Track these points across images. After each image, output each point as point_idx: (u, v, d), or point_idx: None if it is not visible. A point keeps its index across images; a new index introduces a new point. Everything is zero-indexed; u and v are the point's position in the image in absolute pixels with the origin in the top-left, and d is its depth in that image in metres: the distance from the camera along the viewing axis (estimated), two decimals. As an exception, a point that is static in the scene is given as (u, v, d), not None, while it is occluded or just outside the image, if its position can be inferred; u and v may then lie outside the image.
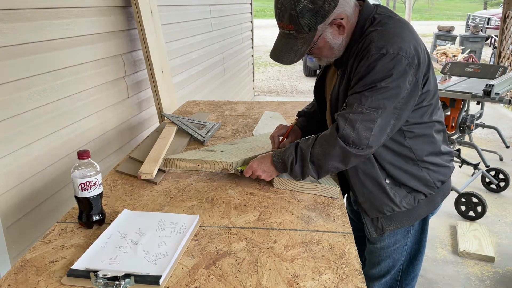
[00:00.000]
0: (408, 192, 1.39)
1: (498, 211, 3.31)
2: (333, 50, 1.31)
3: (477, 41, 9.44)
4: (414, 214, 1.43)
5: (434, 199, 1.44)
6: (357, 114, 1.22)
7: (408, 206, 1.40)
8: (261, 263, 1.02)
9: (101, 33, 2.19)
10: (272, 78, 9.13)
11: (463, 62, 4.39)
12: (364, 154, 1.26)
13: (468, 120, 3.28)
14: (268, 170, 1.41)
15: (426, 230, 1.50)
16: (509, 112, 6.05)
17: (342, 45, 1.31)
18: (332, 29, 1.26)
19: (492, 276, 2.53)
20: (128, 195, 1.41)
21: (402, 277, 1.54)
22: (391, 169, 1.36)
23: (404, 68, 1.19)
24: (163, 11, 2.96)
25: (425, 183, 1.39)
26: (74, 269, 0.99)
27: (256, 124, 2.10)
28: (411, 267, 1.53)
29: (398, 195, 1.38)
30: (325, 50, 1.31)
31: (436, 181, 1.40)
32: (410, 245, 1.50)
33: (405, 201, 1.39)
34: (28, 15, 1.70)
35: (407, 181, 1.38)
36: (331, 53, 1.33)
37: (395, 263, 1.52)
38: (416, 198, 1.40)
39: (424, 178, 1.38)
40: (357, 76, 1.24)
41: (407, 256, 1.52)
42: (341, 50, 1.33)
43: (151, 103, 2.76)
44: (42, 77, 1.78)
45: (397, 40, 1.21)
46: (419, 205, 1.41)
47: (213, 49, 4.35)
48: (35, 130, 1.75)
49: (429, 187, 1.40)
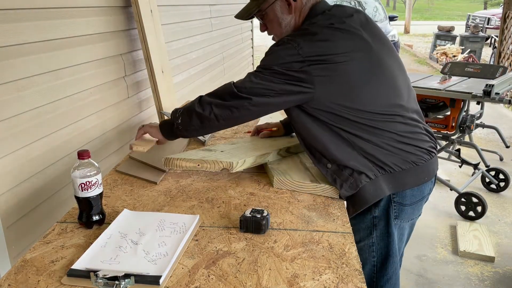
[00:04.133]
0: (349, 174, 1.36)
1: (498, 211, 3.31)
2: (281, 27, 1.46)
3: (477, 41, 9.44)
4: (362, 198, 1.37)
5: (377, 184, 1.37)
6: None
7: (351, 189, 1.36)
8: (261, 263, 1.02)
9: (101, 33, 2.19)
10: (272, 78, 9.11)
11: (463, 62, 4.39)
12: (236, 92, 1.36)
13: (468, 120, 3.28)
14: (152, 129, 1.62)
15: (391, 233, 1.45)
16: (509, 112, 6.05)
17: (290, 26, 1.46)
18: (282, 3, 1.43)
19: (492, 276, 2.53)
20: (128, 195, 1.41)
21: (377, 278, 1.53)
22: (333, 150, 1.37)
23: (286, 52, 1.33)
24: (163, 11, 2.96)
25: (364, 164, 1.36)
26: (74, 269, 0.99)
27: (256, 124, 2.10)
28: (383, 270, 1.50)
29: (340, 178, 1.37)
30: (275, 25, 1.48)
31: (375, 164, 1.36)
32: (378, 247, 1.48)
33: (347, 184, 1.36)
34: (28, 15, 1.70)
35: (347, 162, 1.36)
36: (279, 30, 1.48)
37: (365, 261, 1.50)
38: (357, 181, 1.35)
39: (362, 160, 1.36)
40: None
41: (378, 258, 1.50)
42: (288, 31, 1.46)
43: (151, 103, 2.76)
44: (42, 77, 1.78)
45: (299, 35, 1.36)
46: (364, 188, 1.36)
47: (213, 49, 4.35)
48: (35, 130, 1.75)
49: (369, 169, 1.35)
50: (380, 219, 1.45)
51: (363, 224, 1.46)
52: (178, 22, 3.34)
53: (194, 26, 3.73)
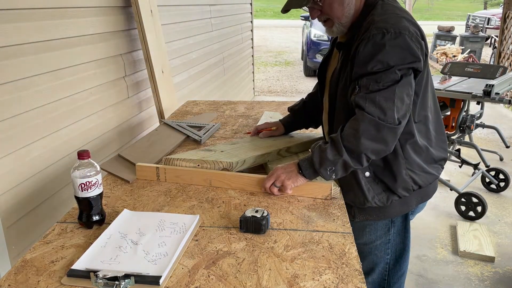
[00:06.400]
0: (384, 190, 1.39)
1: (498, 211, 3.31)
2: (343, 7, 1.31)
3: (477, 41, 9.44)
4: (386, 212, 1.43)
5: (408, 201, 1.43)
6: (375, 92, 1.23)
7: (380, 203, 1.39)
8: (261, 263, 1.02)
9: (101, 33, 2.19)
10: (272, 78, 9.12)
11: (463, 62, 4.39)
12: (395, 126, 1.23)
13: (468, 120, 3.28)
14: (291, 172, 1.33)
15: (408, 229, 1.50)
16: (509, 112, 6.05)
17: (352, 5, 1.32)
18: None
19: (492, 276, 2.53)
20: (128, 195, 1.41)
21: (390, 275, 1.55)
22: (377, 162, 1.36)
23: (408, 43, 1.23)
24: (163, 11, 2.96)
25: (403, 185, 1.38)
26: (74, 269, 0.99)
27: (256, 124, 2.10)
28: (397, 266, 1.53)
29: (373, 190, 1.38)
30: (335, 4, 1.31)
31: (414, 184, 1.40)
32: (394, 244, 1.51)
33: (378, 198, 1.39)
34: (28, 15, 1.70)
35: (385, 179, 1.38)
36: (341, 10, 1.32)
37: (379, 260, 1.53)
38: (389, 198, 1.39)
39: (404, 180, 1.37)
40: (362, 58, 1.25)
41: (392, 255, 1.52)
42: (351, 11, 1.33)
43: (151, 103, 2.76)
44: (42, 77, 1.78)
45: (396, 22, 1.25)
46: (391, 204, 1.41)
47: (213, 49, 4.35)
48: (35, 130, 1.75)
49: (405, 189, 1.39)
50: (398, 216, 1.47)
51: (381, 223, 1.48)
52: (178, 22, 3.34)
53: (194, 26, 3.73)
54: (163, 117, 2.60)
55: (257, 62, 10.32)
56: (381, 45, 1.22)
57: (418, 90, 1.32)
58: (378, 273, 1.55)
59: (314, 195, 1.36)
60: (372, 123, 1.22)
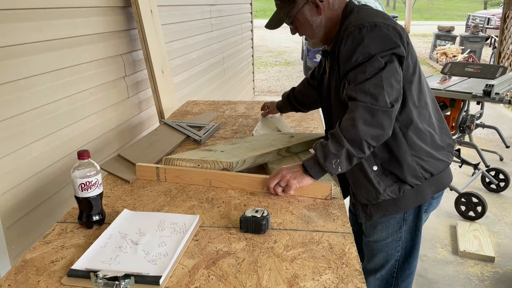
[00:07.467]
0: (394, 181, 1.39)
1: (498, 211, 3.31)
2: (312, 28, 1.45)
3: (477, 41, 9.44)
4: (401, 203, 1.43)
5: (422, 191, 1.42)
6: (363, 82, 1.27)
7: (393, 195, 1.40)
8: (261, 263, 1.02)
9: (101, 33, 2.19)
10: (272, 78, 9.13)
11: (463, 62, 4.38)
12: (388, 109, 1.25)
13: (468, 120, 3.28)
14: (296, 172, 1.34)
15: (420, 227, 1.50)
16: (509, 112, 6.05)
17: (322, 26, 1.45)
18: (310, 7, 1.42)
19: (492, 276, 2.53)
20: (128, 195, 1.41)
21: (398, 273, 1.55)
22: (382, 153, 1.37)
23: (384, 32, 1.29)
24: (163, 11, 2.96)
25: (412, 173, 1.38)
26: (74, 269, 0.99)
27: (256, 124, 2.10)
28: (406, 264, 1.54)
29: (383, 183, 1.39)
30: (306, 28, 1.46)
31: (423, 171, 1.39)
32: (404, 241, 1.51)
33: (390, 190, 1.39)
34: (28, 15, 1.70)
35: (393, 169, 1.38)
36: (311, 32, 1.46)
37: (389, 257, 1.53)
38: (401, 188, 1.39)
39: (413, 167, 1.38)
40: (345, 55, 1.31)
41: (402, 252, 1.53)
42: (320, 31, 1.46)
43: (151, 103, 2.76)
44: (42, 77, 1.78)
45: (371, 17, 1.33)
46: (404, 195, 1.41)
47: (213, 49, 4.35)
48: (35, 130, 1.75)
49: (415, 177, 1.39)
50: (411, 213, 1.47)
51: (393, 220, 1.48)
52: (178, 22, 3.34)
53: (194, 26, 3.73)
54: (163, 117, 2.60)
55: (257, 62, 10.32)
56: (360, 39, 1.29)
57: (411, 77, 1.36)
58: (387, 269, 1.56)
59: (314, 195, 1.36)
60: (366, 109, 1.25)
